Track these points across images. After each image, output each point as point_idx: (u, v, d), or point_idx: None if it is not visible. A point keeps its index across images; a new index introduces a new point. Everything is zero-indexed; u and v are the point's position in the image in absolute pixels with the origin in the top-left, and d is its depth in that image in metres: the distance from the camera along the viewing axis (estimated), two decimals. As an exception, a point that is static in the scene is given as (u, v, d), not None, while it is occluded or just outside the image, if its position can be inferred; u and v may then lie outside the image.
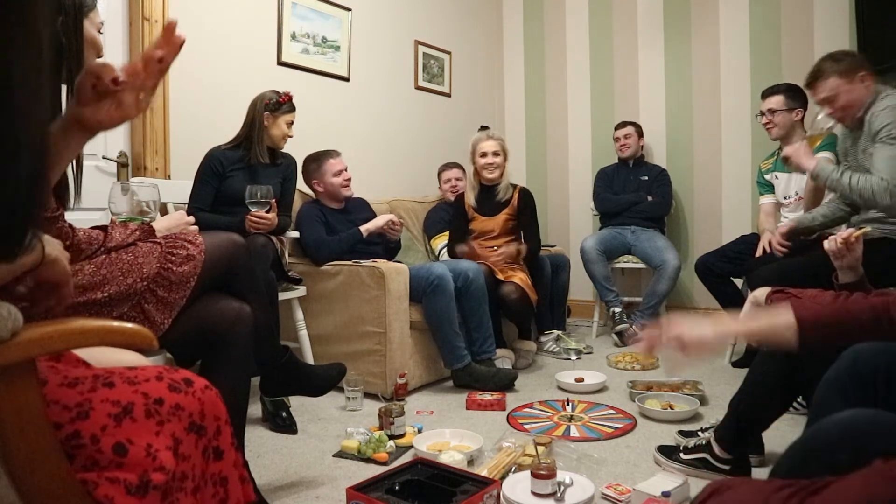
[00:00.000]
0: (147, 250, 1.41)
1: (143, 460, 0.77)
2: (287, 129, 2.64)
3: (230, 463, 0.92)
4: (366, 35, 3.81)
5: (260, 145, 2.59)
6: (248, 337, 1.52)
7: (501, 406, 2.54)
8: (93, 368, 0.88)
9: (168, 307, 1.40)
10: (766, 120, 3.01)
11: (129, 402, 0.81)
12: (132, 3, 2.74)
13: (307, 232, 2.91)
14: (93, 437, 0.77)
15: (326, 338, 2.84)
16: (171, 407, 0.84)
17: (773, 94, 3.01)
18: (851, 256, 1.65)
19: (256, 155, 2.58)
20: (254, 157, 2.58)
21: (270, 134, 2.61)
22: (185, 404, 0.86)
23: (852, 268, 1.66)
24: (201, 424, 0.87)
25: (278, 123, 2.61)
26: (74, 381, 0.81)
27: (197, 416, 0.87)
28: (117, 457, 0.77)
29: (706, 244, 3.84)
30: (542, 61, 4.81)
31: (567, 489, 1.67)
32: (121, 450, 0.77)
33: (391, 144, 4.04)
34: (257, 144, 2.58)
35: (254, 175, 2.58)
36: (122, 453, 0.77)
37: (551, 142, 4.77)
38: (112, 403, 0.80)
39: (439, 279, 2.76)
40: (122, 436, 0.78)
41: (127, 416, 0.79)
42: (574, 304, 4.39)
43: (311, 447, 2.15)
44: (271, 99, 2.59)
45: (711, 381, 2.85)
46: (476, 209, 3.35)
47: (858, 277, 1.64)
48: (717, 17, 4.08)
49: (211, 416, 0.90)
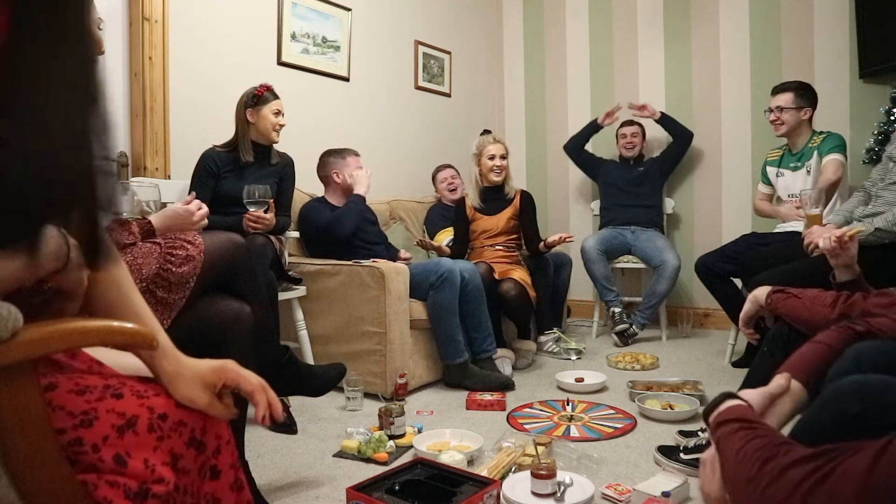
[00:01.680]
0: (147, 251, 1.41)
1: (143, 472, 0.77)
2: (274, 118, 2.61)
3: (226, 485, 0.91)
4: (366, 35, 3.81)
5: (244, 144, 2.59)
6: (248, 337, 1.52)
7: (501, 406, 2.54)
8: (106, 376, 0.87)
9: (167, 308, 1.40)
10: (775, 116, 3.03)
11: (134, 415, 0.80)
12: (132, 3, 2.74)
13: (318, 217, 2.93)
14: (94, 446, 0.77)
15: (326, 338, 2.84)
16: (175, 423, 0.83)
17: (783, 92, 3.02)
18: (846, 255, 1.67)
19: (242, 154, 2.59)
20: (242, 157, 2.59)
21: (259, 129, 2.61)
22: (188, 420, 0.85)
23: (847, 266, 1.67)
24: (201, 440, 0.87)
25: (263, 115, 2.59)
26: (83, 390, 0.81)
27: (199, 431, 0.86)
28: (118, 466, 0.77)
29: (706, 244, 3.84)
30: (542, 61, 4.81)
31: (567, 489, 1.67)
32: (121, 461, 0.77)
33: (391, 144, 4.04)
34: (242, 144, 2.59)
35: (243, 175, 2.58)
36: (122, 464, 0.77)
37: (551, 142, 4.77)
38: (118, 415, 0.79)
39: (448, 272, 2.78)
40: (122, 448, 0.78)
41: (130, 428, 0.79)
42: (574, 304, 4.39)
43: (311, 447, 2.15)
44: (249, 95, 2.59)
45: (711, 381, 2.85)
46: (477, 209, 3.42)
47: (855, 276, 1.66)
48: (717, 16, 4.08)
49: (213, 433, 0.89)
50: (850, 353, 1.19)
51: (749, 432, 0.86)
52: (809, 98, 2.99)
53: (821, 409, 1.03)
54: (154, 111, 2.76)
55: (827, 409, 1.01)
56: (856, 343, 1.22)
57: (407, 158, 4.17)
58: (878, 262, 2.10)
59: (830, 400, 1.01)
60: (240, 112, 2.60)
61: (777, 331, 1.67)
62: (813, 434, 1.00)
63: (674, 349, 3.59)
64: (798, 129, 3.00)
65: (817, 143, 2.98)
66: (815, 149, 2.96)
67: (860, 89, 3.63)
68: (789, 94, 2.99)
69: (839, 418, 0.97)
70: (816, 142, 2.98)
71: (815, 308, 1.50)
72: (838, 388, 1.01)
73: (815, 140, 3.00)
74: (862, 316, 1.38)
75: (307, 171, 3.09)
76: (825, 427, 0.99)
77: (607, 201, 4.12)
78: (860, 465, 0.66)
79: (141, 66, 2.73)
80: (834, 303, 1.47)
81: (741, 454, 0.82)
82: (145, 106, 2.74)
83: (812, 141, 3.01)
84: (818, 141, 2.98)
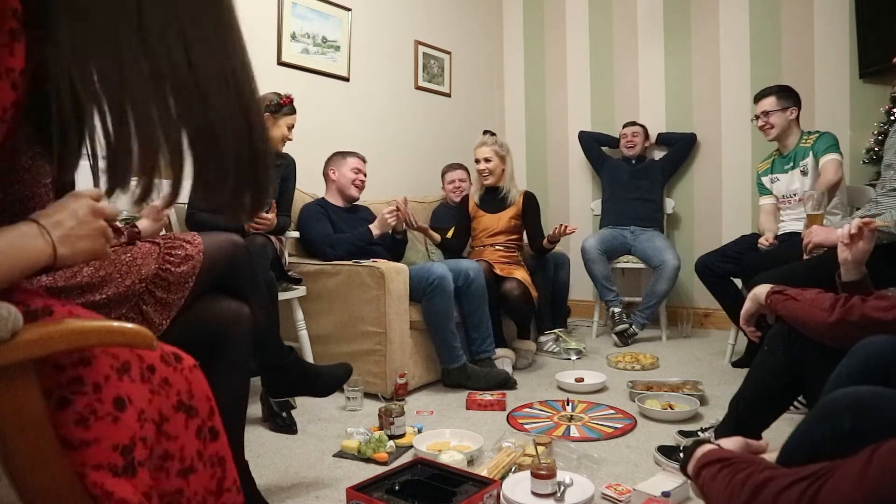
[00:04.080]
0: (146, 251, 1.41)
1: (134, 425, 0.75)
2: (287, 131, 2.65)
3: (225, 443, 0.92)
4: (366, 35, 3.81)
5: None
6: (247, 337, 1.52)
7: (501, 406, 2.54)
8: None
9: (166, 308, 1.39)
10: (762, 122, 3.05)
11: (126, 360, 0.79)
12: (132, 3, 2.73)
13: (313, 228, 2.93)
14: (95, 385, 0.75)
15: (326, 338, 2.84)
16: (161, 380, 0.82)
17: (765, 97, 3.05)
18: (859, 249, 1.58)
19: None
20: None
21: (270, 136, 2.61)
22: (173, 381, 0.84)
23: (858, 262, 1.60)
24: (190, 405, 0.86)
25: (278, 125, 2.61)
26: None
27: (185, 395, 0.85)
28: (115, 410, 0.75)
29: (706, 244, 3.84)
30: (542, 61, 4.81)
31: (567, 489, 1.67)
32: (120, 405, 0.75)
33: (391, 144, 4.04)
34: None
35: None
36: (120, 408, 0.75)
37: (551, 142, 4.77)
38: (112, 356, 0.78)
39: (439, 280, 2.76)
40: (123, 391, 0.76)
41: (126, 373, 0.78)
42: (574, 304, 4.38)
43: (311, 447, 2.15)
44: (272, 101, 2.59)
45: (711, 381, 2.85)
46: (479, 206, 3.46)
47: (862, 276, 1.61)
48: (717, 16, 4.08)
49: (201, 396, 0.88)
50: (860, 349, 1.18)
51: (732, 468, 0.85)
52: (792, 98, 3.01)
53: (813, 426, 1.01)
54: (154, 111, 2.75)
55: (820, 425, 0.99)
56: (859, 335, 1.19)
57: (407, 158, 4.17)
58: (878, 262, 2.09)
59: (823, 415, 1.00)
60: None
61: (777, 330, 1.67)
62: (805, 451, 0.99)
63: (674, 349, 3.59)
64: (787, 130, 3.02)
65: (810, 142, 2.98)
66: (810, 148, 2.96)
67: (860, 89, 3.63)
68: (772, 98, 3.02)
69: (833, 434, 0.96)
70: (809, 141, 2.98)
71: (814, 311, 1.50)
72: (830, 403, 1.00)
73: (807, 140, 3.00)
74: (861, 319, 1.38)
75: (307, 171, 3.09)
76: (817, 443, 0.98)
77: (609, 194, 4.13)
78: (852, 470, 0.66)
79: (141, 66, 2.72)
80: (833, 306, 1.46)
81: (729, 489, 0.81)
82: (145, 106, 2.73)
83: (804, 141, 3.01)
84: (811, 140, 2.98)
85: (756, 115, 3.08)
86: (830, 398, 1.00)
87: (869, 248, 1.60)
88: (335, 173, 3.08)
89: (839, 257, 1.63)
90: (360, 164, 3.11)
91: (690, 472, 1.00)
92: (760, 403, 1.72)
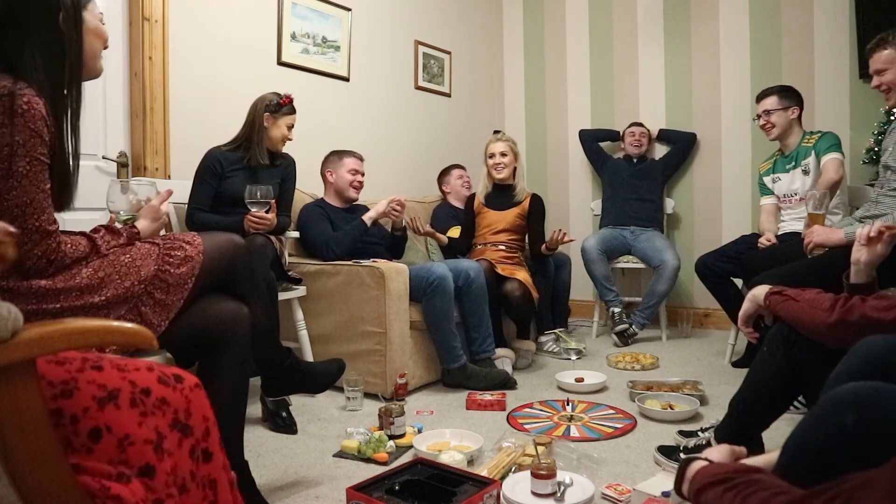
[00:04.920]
0: (145, 252, 1.40)
1: (112, 451, 0.76)
2: (287, 131, 2.65)
3: (219, 466, 0.91)
4: (366, 35, 3.81)
5: (260, 146, 2.59)
6: (247, 338, 1.51)
7: (501, 406, 2.54)
8: (81, 350, 0.86)
9: (165, 309, 1.39)
10: (764, 122, 3.05)
11: (116, 388, 0.79)
12: (132, 3, 2.74)
13: (312, 229, 2.92)
14: (73, 418, 0.75)
15: (326, 338, 2.84)
16: (157, 399, 0.82)
17: (766, 96, 3.05)
18: (875, 253, 1.54)
19: (256, 156, 2.58)
20: (253, 159, 2.58)
21: (270, 135, 2.61)
22: (171, 400, 0.84)
23: (871, 265, 1.56)
24: (186, 423, 0.86)
25: (278, 125, 2.61)
26: (63, 360, 0.79)
27: (182, 413, 0.85)
28: (90, 441, 0.75)
29: (706, 244, 3.84)
30: (542, 61, 4.81)
31: (567, 489, 1.67)
32: (95, 435, 0.76)
33: (391, 144, 4.04)
34: (257, 145, 2.58)
35: (253, 176, 2.59)
36: (95, 439, 0.76)
37: (551, 142, 4.77)
38: (98, 387, 0.78)
39: (439, 280, 2.76)
40: (101, 421, 0.76)
41: (111, 401, 0.78)
42: (574, 304, 4.38)
43: (311, 447, 2.15)
44: (272, 100, 2.59)
45: (711, 381, 2.85)
46: (485, 203, 3.49)
47: (870, 280, 1.57)
48: (717, 16, 4.08)
49: (199, 415, 0.88)
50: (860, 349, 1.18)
51: (737, 490, 0.83)
52: (794, 98, 3.01)
53: (816, 424, 1.00)
54: (154, 111, 2.76)
55: (822, 422, 0.99)
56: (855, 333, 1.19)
57: (407, 158, 4.17)
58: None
59: (825, 412, 0.99)
60: (258, 115, 2.58)
61: (777, 330, 1.67)
62: (808, 449, 0.99)
63: (674, 349, 3.59)
64: (789, 129, 3.03)
65: (812, 142, 2.98)
66: (812, 148, 2.96)
67: (860, 89, 3.63)
68: (773, 97, 3.02)
69: (836, 430, 0.95)
70: (811, 141, 2.98)
71: (813, 311, 1.49)
72: (831, 400, 0.99)
73: (809, 139, 3.00)
74: (861, 319, 1.37)
75: (307, 171, 3.09)
76: (820, 441, 0.97)
77: (609, 194, 4.13)
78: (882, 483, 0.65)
79: (141, 66, 2.73)
80: (832, 306, 1.46)
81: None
82: (145, 106, 2.74)
83: (806, 140, 3.01)
84: (813, 140, 2.98)
85: (758, 114, 3.09)
86: (831, 395, 1.00)
87: (885, 253, 1.56)
88: (332, 175, 3.07)
89: (852, 257, 1.59)
90: (358, 163, 3.09)
91: (686, 493, 0.98)
92: (760, 404, 1.72)
